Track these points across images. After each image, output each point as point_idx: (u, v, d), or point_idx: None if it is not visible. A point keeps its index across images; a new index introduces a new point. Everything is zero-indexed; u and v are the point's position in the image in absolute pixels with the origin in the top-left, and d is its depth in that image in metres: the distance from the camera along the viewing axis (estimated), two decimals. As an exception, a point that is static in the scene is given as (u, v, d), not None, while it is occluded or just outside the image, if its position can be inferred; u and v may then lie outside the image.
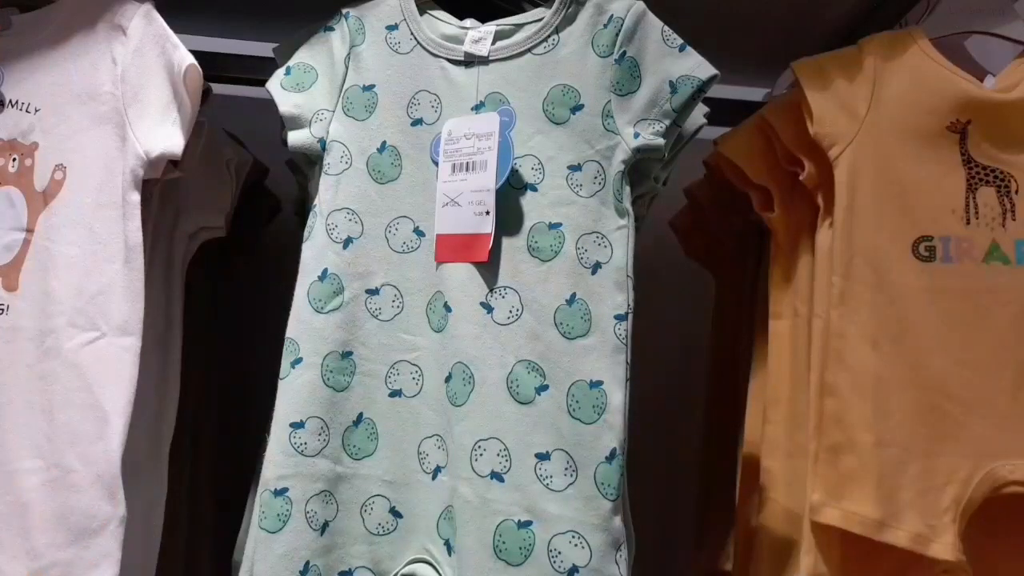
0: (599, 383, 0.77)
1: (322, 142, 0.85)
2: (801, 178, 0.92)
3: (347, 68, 0.86)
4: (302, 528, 0.76)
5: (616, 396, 0.76)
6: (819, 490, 0.84)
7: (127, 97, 0.81)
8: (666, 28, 0.82)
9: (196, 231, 0.91)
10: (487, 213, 0.79)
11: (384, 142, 0.85)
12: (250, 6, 1.10)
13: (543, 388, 0.77)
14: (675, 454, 1.22)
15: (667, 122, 0.81)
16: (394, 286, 0.83)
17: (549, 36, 0.84)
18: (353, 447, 0.80)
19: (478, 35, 0.85)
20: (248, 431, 0.90)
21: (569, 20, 0.84)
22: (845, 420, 0.85)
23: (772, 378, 0.95)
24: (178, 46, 0.82)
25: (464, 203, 0.80)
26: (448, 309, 0.80)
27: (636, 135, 0.81)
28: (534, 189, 0.81)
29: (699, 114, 0.87)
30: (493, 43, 0.85)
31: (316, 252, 0.82)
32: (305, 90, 0.86)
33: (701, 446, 1.12)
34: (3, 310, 0.79)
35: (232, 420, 1.07)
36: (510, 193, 0.81)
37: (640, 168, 0.83)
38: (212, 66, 0.87)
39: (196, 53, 0.83)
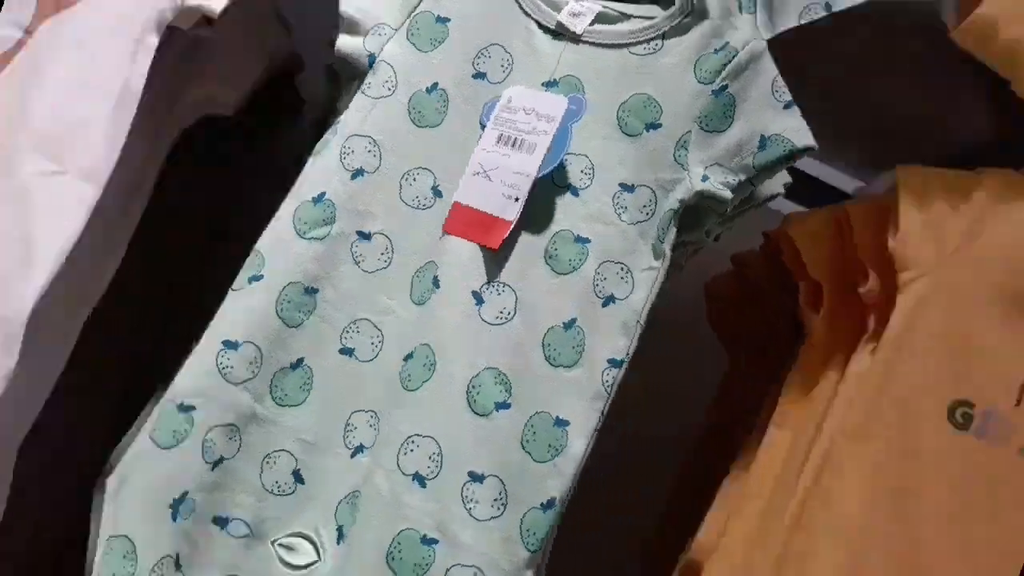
0: (565, 423, 0.69)
1: (371, 58, 0.76)
2: (861, 291, 0.83)
3: None
4: (195, 455, 0.67)
5: (577, 444, 0.69)
6: None
7: None
8: (779, 78, 0.73)
9: (203, 100, 0.83)
10: (516, 200, 0.71)
11: (436, 83, 0.76)
12: None
13: (504, 405, 0.69)
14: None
15: (742, 177, 0.73)
16: (388, 238, 0.74)
17: (653, 39, 0.75)
18: (280, 391, 0.71)
19: (579, 8, 0.76)
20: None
21: (680, 30, 0.75)
22: (808, 561, 0.76)
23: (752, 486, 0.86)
24: None
25: (496, 179, 0.72)
26: (436, 284, 0.72)
27: (704, 178, 0.73)
28: (575, 193, 0.73)
29: (779, 182, 0.80)
30: (592, 23, 0.76)
31: (320, 172, 0.73)
32: None
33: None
34: None
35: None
36: (549, 188, 0.73)
37: (696, 214, 0.75)
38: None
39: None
